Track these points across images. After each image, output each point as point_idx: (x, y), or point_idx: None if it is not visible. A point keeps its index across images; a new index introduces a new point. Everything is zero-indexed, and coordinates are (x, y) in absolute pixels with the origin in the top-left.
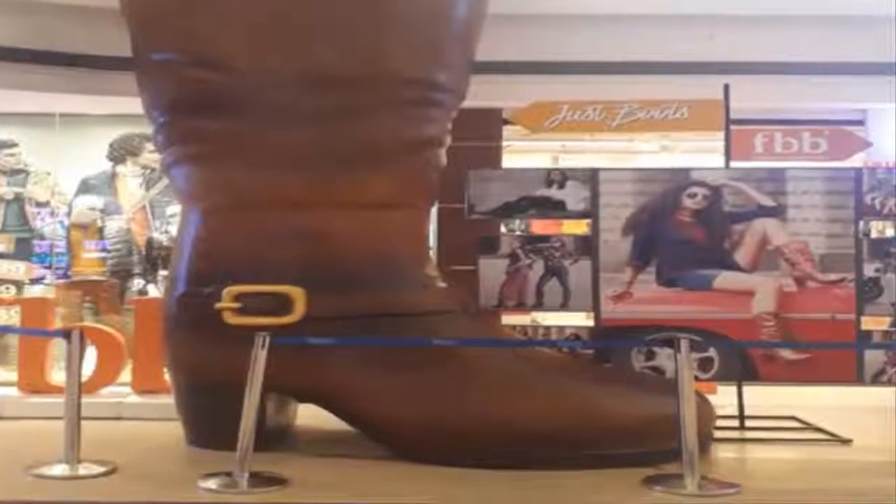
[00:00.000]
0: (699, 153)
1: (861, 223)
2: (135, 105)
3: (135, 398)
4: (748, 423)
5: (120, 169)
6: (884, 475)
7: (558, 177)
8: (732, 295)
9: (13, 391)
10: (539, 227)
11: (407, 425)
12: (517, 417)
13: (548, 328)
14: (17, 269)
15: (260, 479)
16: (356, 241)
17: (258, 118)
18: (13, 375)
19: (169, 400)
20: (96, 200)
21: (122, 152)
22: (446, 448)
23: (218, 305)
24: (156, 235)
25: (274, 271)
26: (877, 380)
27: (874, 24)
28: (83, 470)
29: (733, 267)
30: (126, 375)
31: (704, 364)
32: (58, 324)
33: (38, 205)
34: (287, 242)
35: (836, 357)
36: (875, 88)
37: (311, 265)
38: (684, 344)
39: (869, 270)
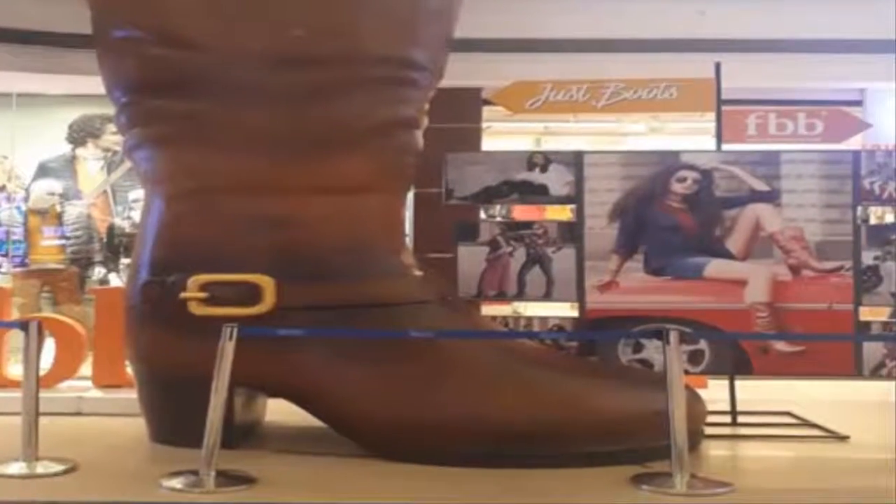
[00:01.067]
0: (689, 135)
1: (859, 209)
2: (95, 84)
3: (95, 393)
4: (741, 419)
5: (80, 152)
6: (883, 473)
7: (541, 160)
8: (724, 284)
9: None
10: (520, 212)
11: (381, 421)
12: (497, 413)
13: (530, 319)
14: None
15: (227, 478)
16: (328, 228)
17: (225, 98)
18: None
19: (131, 394)
20: (55, 185)
21: (82, 134)
22: (422, 445)
23: (183, 295)
24: (117, 221)
25: (242, 259)
26: (876, 373)
27: (873, 0)
28: (41, 468)
29: (725, 255)
30: (86, 369)
31: (695, 357)
32: (14, 314)
33: None
34: (255, 229)
35: (833, 349)
36: (874, 67)
37: (281, 253)
38: (673, 336)
39: (867, 258)
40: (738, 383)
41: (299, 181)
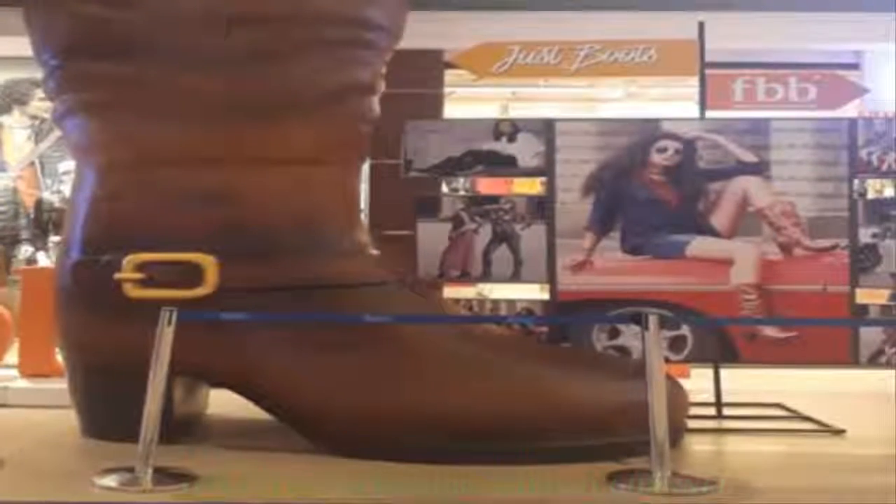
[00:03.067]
0: (670, 101)
1: (856, 182)
2: (22, 46)
3: (22, 382)
4: (726, 411)
5: (4, 119)
6: (882, 470)
7: (508, 129)
8: (708, 264)
9: None
10: (486, 186)
11: (333, 414)
12: (459, 405)
13: (496, 302)
14: None
15: (165, 475)
16: (274, 203)
17: (162, 62)
18: None
19: (61, 384)
20: None
21: (7, 100)
22: (378, 440)
23: (117, 276)
24: (46, 195)
25: (182, 237)
26: (874, 361)
27: None
28: None
29: (709, 232)
30: (12, 356)
31: (676, 343)
32: None
33: None
34: (196, 204)
35: (828, 335)
36: (873, 27)
37: (224, 230)
38: (653, 320)
39: (865, 236)
40: (724, 372)
41: (243, 152)
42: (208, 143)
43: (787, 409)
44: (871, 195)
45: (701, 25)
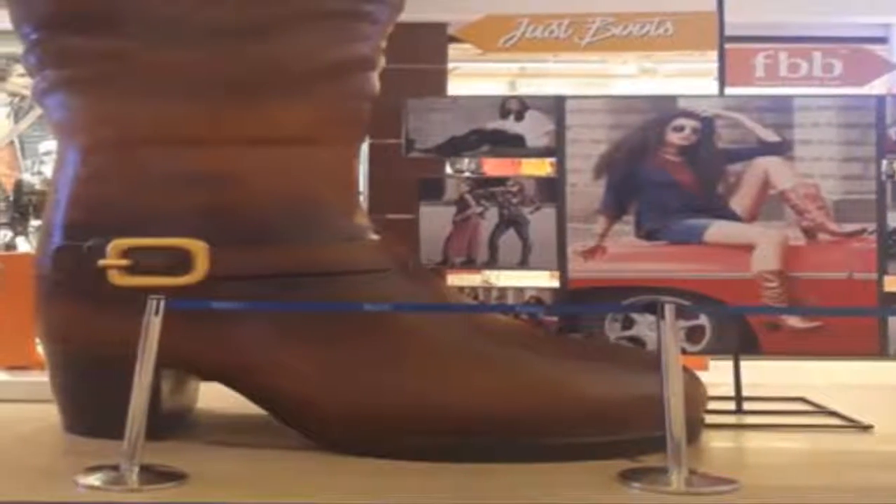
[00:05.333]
0: (687, 77)
1: (884, 162)
2: (1, 18)
3: (0, 376)
4: (747, 406)
5: None
6: None
7: (516, 106)
8: (728, 250)
9: None
10: (492, 167)
11: (330, 409)
12: (466, 399)
13: (503, 290)
14: None
15: (152, 474)
16: (268, 185)
17: (148, 36)
18: None
19: (42, 378)
20: None
21: None
22: (377, 436)
23: (102, 262)
24: (26, 177)
25: (170, 221)
26: None
27: None
28: None
29: (729, 216)
30: None
31: (694, 334)
32: None
33: None
34: (185, 186)
35: (854, 325)
36: None
37: (214, 214)
38: (669, 310)
39: (893, 220)
40: (744, 364)
41: (235, 131)
42: (197, 122)
43: (811, 404)
44: None
45: None
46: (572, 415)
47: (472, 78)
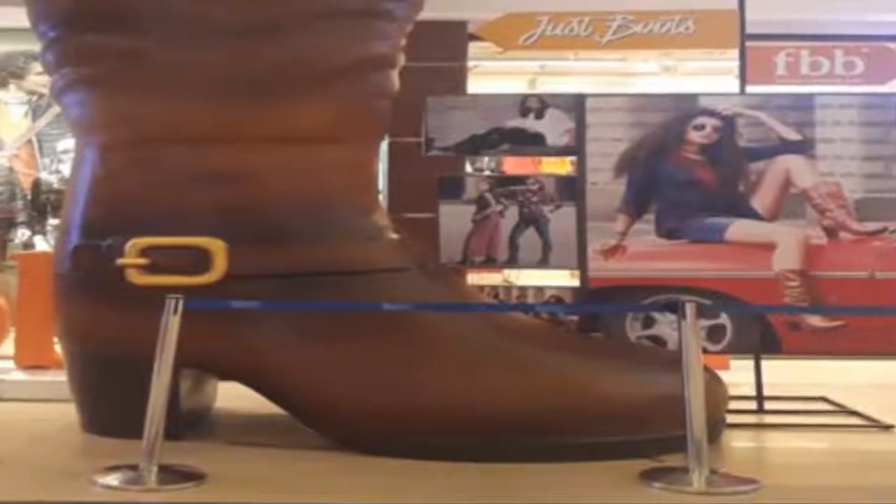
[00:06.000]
0: (708, 75)
1: None
2: (18, 16)
3: (18, 375)
4: (768, 405)
5: (0, 95)
6: None
7: (536, 104)
8: (749, 248)
9: None
10: (512, 165)
11: (349, 408)
12: (485, 398)
13: (523, 289)
14: None
15: (171, 474)
16: (287, 184)
17: (166, 34)
18: None
19: (60, 377)
20: None
21: (3, 74)
22: (397, 436)
23: (120, 261)
24: (44, 176)
25: (188, 220)
26: None
27: None
28: None
29: (750, 214)
30: (8, 347)
31: (714, 333)
32: None
33: None
34: (203, 185)
35: (876, 325)
36: None
37: (233, 212)
38: (690, 309)
39: None
40: (766, 364)
41: (254, 129)
42: (216, 120)
43: (833, 403)
44: None
45: None
46: (593, 414)
47: (492, 76)
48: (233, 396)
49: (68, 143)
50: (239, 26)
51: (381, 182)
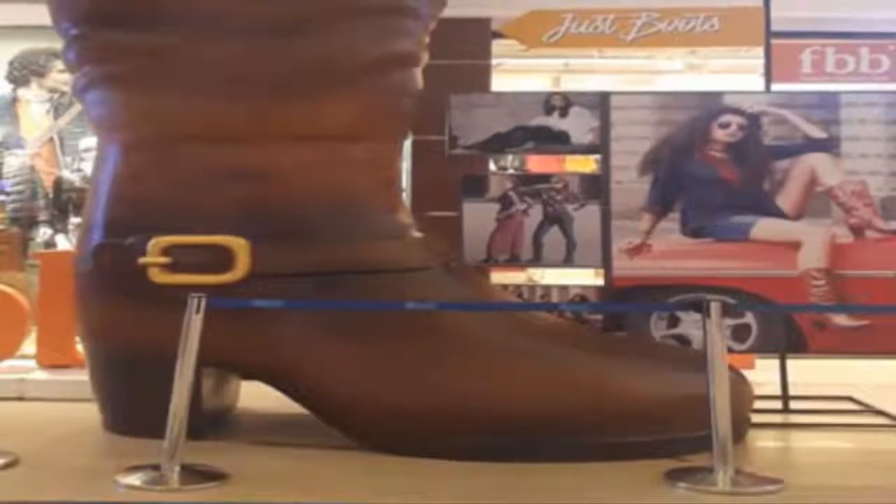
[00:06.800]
0: (733, 73)
1: None
2: (40, 14)
3: (40, 374)
4: (793, 405)
5: (22, 93)
6: None
7: (560, 102)
8: (774, 247)
9: None
10: (536, 163)
11: (372, 408)
12: (508, 398)
13: (547, 288)
14: None
15: (193, 473)
16: (310, 182)
17: (189, 32)
18: None
19: (82, 376)
20: None
21: (24, 72)
22: (420, 435)
23: (142, 260)
24: (66, 174)
25: (211, 218)
26: None
27: None
28: None
29: (775, 213)
30: (29, 346)
31: (740, 332)
32: None
33: None
34: (226, 183)
35: None
36: None
37: (256, 211)
38: (715, 308)
39: None
40: (791, 363)
41: (276, 127)
42: (239, 118)
43: (859, 403)
44: None
45: None
46: (617, 414)
47: (515, 74)
48: (255, 396)
49: (90, 141)
50: (262, 24)
51: (405, 180)
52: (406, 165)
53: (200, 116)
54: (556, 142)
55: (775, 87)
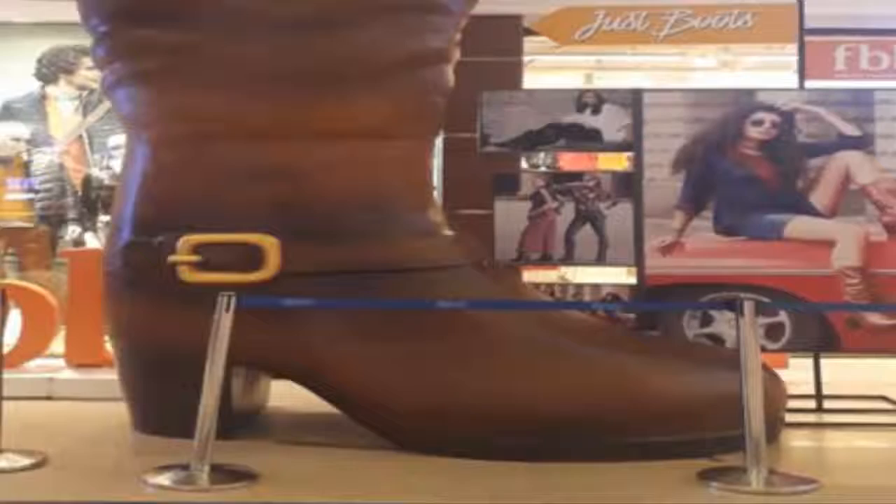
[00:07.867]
0: (766, 70)
1: None
2: (69, 11)
3: (68, 373)
4: (827, 404)
5: (50, 90)
6: None
7: (593, 100)
8: (808, 245)
9: None
10: (568, 161)
11: (403, 407)
12: (541, 398)
13: (579, 287)
14: None
15: (223, 473)
16: (340, 180)
17: (219, 28)
18: None
19: (111, 375)
20: (21, 129)
21: (53, 69)
22: (451, 435)
23: (172, 258)
24: (95, 172)
25: (240, 217)
26: None
27: None
28: (4, 462)
29: (809, 211)
30: (58, 345)
31: (773, 331)
32: None
33: None
34: (256, 181)
35: None
36: None
37: (286, 209)
38: (748, 306)
39: None
40: (825, 362)
41: (307, 125)
42: (269, 115)
43: (893, 402)
44: None
45: None
46: (651, 414)
47: (547, 71)
48: (285, 395)
49: (119, 138)
50: (292, 21)
51: (436, 178)
52: (437, 163)
53: (230, 114)
54: (588, 139)
55: (809, 84)
